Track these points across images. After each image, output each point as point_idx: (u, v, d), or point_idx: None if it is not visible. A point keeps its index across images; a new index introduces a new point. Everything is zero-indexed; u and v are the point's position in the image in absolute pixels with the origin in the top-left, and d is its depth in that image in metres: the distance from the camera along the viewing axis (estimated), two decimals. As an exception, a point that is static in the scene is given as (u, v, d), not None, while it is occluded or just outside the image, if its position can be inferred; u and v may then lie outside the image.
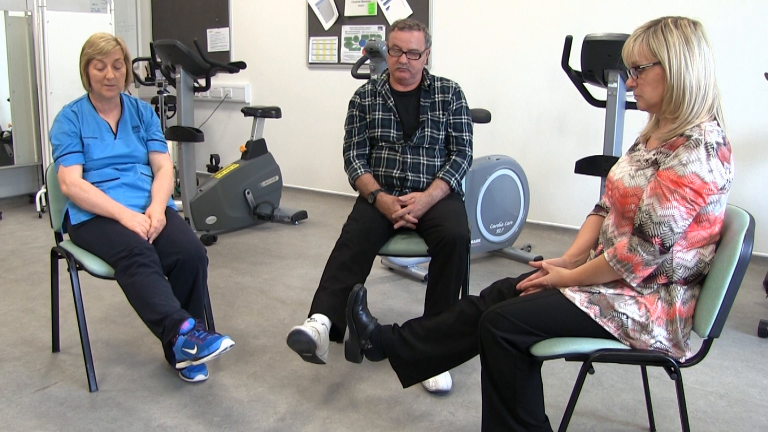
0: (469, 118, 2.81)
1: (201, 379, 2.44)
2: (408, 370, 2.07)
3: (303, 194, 5.79)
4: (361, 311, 2.08)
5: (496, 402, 1.78)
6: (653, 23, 1.67)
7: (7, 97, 5.04)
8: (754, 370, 2.61)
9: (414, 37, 2.66)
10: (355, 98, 2.85)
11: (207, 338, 2.02)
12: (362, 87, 2.88)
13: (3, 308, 3.14)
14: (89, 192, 2.40)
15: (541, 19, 4.40)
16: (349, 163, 2.83)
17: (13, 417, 2.20)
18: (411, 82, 2.77)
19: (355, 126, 2.83)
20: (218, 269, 3.74)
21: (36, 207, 4.98)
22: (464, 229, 2.50)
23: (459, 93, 2.80)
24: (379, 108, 2.78)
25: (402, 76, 2.73)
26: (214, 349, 1.99)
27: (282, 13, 5.69)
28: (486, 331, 1.75)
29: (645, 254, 1.65)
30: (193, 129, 4.49)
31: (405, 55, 2.67)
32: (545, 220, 4.60)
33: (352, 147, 2.83)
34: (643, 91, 1.71)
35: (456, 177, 2.72)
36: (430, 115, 2.75)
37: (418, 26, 2.70)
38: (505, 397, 1.76)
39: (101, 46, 2.41)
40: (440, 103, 2.76)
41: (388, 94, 2.79)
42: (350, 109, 2.86)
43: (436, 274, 2.50)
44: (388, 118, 2.76)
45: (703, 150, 1.60)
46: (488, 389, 1.80)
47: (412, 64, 2.69)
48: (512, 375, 1.74)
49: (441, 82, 2.80)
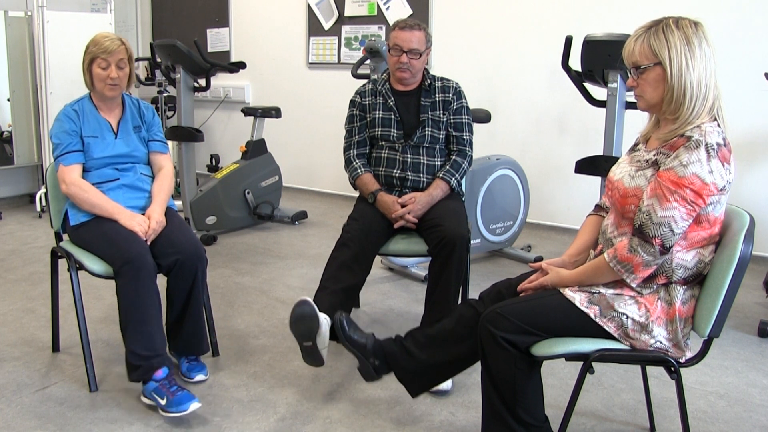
0: (470, 118, 2.81)
1: (201, 379, 2.44)
2: (414, 381, 2.06)
3: (303, 194, 5.80)
4: (353, 334, 2.06)
5: (495, 402, 1.78)
6: (654, 23, 1.67)
7: (7, 97, 5.04)
8: (754, 370, 2.61)
9: (415, 36, 2.66)
10: (356, 97, 2.85)
11: (177, 395, 2.16)
12: (363, 86, 2.88)
13: (3, 308, 3.14)
14: (89, 192, 2.40)
15: (541, 19, 4.40)
16: (349, 163, 2.82)
17: (13, 417, 2.20)
18: (412, 82, 2.77)
19: (356, 125, 2.83)
20: (218, 269, 3.74)
21: (36, 207, 4.98)
22: (464, 229, 2.50)
23: (460, 93, 2.80)
24: (380, 107, 2.78)
25: (402, 76, 2.73)
26: (182, 410, 2.13)
27: (282, 13, 5.69)
28: (486, 330, 1.75)
29: (645, 255, 1.65)
30: (193, 129, 4.49)
31: (406, 55, 2.67)
32: (545, 220, 4.61)
33: (353, 146, 2.83)
34: (644, 91, 1.70)
35: (456, 177, 2.72)
36: (431, 114, 2.75)
37: (419, 26, 2.70)
38: (504, 396, 1.76)
39: (106, 45, 2.41)
40: (441, 102, 2.76)
41: (389, 93, 2.79)
42: (350, 109, 2.86)
43: (436, 275, 2.50)
44: (389, 118, 2.76)
45: (703, 151, 1.59)
46: (488, 389, 1.80)
47: (413, 63, 2.69)
48: (512, 375, 1.74)
49: (442, 81, 2.80)
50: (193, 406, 2.14)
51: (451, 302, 2.48)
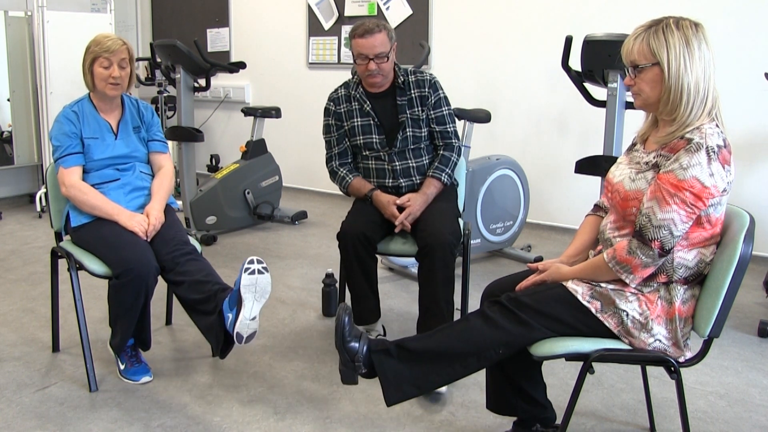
0: (450, 109, 2.74)
1: (146, 381, 2.45)
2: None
3: (303, 194, 5.80)
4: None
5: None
6: (655, 23, 1.66)
7: (7, 97, 5.04)
8: (754, 370, 2.61)
9: (377, 40, 2.54)
10: (329, 105, 2.76)
11: (134, 366, 2.47)
12: (335, 92, 2.78)
13: (3, 308, 3.14)
14: (88, 194, 2.40)
15: (541, 19, 4.40)
16: (334, 174, 2.77)
17: (13, 417, 2.20)
18: (384, 83, 2.69)
19: (333, 136, 2.76)
20: (218, 269, 3.70)
21: (36, 207, 4.98)
22: (449, 233, 2.45)
23: (435, 84, 2.71)
24: (357, 114, 2.71)
25: (374, 82, 2.64)
26: (134, 380, 2.44)
27: (282, 13, 5.69)
28: (490, 302, 1.78)
29: (644, 257, 1.64)
30: (193, 129, 4.49)
31: (372, 62, 2.57)
32: (545, 220, 4.60)
33: (334, 158, 2.78)
34: (641, 90, 1.70)
35: (446, 171, 2.69)
36: (409, 113, 2.67)
37: (378, 27, 2.56)
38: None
39: (108, 44, 2.42)
40: (417, 99, 2.68)
41: (363, 97, 2.70)
42: (326, 118, 2.77)
43: (423, 279, 2.47)
44: (368, 123, 2.70)
45: (704, 154, 1.59)
46: None
47: (382, 67, 2.59)
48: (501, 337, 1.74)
49: (415, 75, 2.71)
50: (144, 379, 2.44)
51: (442, 306, 2.44)
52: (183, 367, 2.58)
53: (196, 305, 2.27)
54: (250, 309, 2.07)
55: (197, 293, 2.26)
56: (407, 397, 1.84)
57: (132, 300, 2.28)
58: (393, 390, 1.81)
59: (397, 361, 1.81)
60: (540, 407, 1.99)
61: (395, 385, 1.81)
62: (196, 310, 2.28)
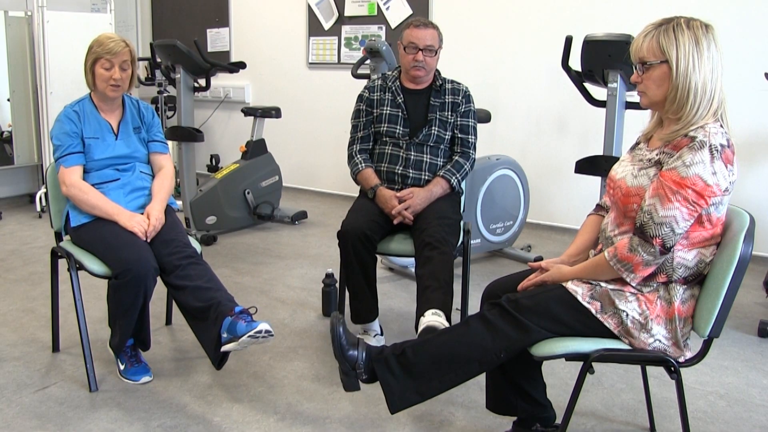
0: (476, 122, 2.84)
1: (146, 381, 2.45)
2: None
3: (303, 194, 5.79)
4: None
5: None
6: (665, 21, 1.66)
7: (7, 97, 5.04)
8: (754, 370, 2.61)
9: (429, 33, 2.70)
10: (364, 92, 2.87)
11: (134, 366, 2.47)
12: (372, 81, 2.90)
13: (3, 308, 3.14)
14: (89, 194, 2.40)
15: (541, 19, 4.40)
16: (351, 158, 2.85)
17: (13, 417, 2.20)
18: (425, 80, 2.79)
19: (361, 120, 2.84)
20: (218, 269, 3.73)
21: (36, 207, 4.98)
22: (447, 236, 2.47)
23: (468, 96, 2.83)
24: (388, 103, 2.80)
25: (417, 74, 2.74)
26: (134, 380, 2.43)
27: (282, 13, 5.69)
28: (491, 304, 1.77)
29: (645, 255, 1.64)
30: (193, 129, 4.49)
31: (421, 53, 2.69)
32: (545, 220, 4.61)
33: (356, 141, 2.85)
34: (647, 87, 1.70)
35: (457, 176, 2.72)
36: (439, 114, 2.76)
37: (432, 24, 2.74)
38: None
39: (110, 46, 2.42)
40: (450, 104, 2.78)
41: (398, 90, 2.80)
42: (358, 103, 2.87)
43: (420, 279, 2.45)
44: (396, 114, 2.77)
45: (707, 152, 1.59)
46: None
47: (428, 61, 2.71)
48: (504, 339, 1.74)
49: (452, 84, 2.82)
50: (144, 379, 2.43)
51: (439, 306, 2.43)
52: (183, 367, 2.58)
53: (196, 314, 2.27)
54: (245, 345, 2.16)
55: (198, 301, 2.26)
56: (410, 404, 1.85)
57: (131, 300, 2.28)
58: (396, 398, 1.82)
59: (398, 369, 1.82)
60: (540, 407, 1.99)
61: (398, 393, 1.81)
62: (195, 318, 2.28)
